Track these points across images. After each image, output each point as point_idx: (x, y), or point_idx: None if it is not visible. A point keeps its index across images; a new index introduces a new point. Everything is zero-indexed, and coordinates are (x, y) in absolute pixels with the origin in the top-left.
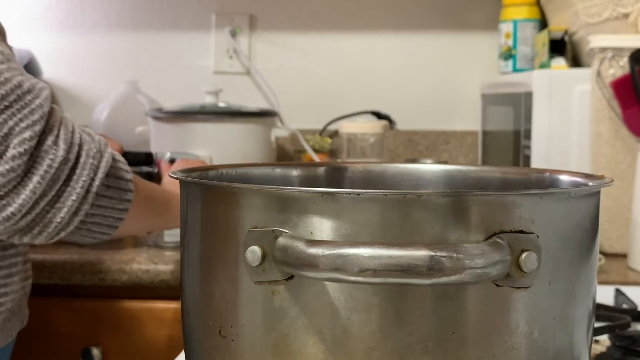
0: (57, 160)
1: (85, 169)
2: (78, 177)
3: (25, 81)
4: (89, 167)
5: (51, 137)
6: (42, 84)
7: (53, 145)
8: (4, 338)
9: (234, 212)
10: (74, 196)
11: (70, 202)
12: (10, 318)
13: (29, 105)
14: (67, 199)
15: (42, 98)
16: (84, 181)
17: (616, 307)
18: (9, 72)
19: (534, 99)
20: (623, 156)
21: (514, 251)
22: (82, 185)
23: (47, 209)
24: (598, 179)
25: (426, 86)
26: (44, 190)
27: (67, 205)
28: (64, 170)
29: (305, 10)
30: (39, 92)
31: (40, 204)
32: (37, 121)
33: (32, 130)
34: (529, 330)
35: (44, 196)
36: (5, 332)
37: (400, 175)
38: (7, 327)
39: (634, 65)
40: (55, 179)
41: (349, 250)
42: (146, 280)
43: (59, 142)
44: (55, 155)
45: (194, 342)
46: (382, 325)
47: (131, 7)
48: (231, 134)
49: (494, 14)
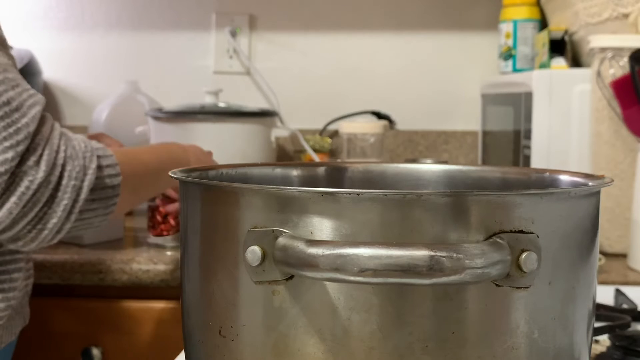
0: (36, 182)
1: (67, 192)
2: (60, 200)
3: (15, 98)
4: (71, 189)
5: (33, 157)
6: (34, 99)
7: (34, 165)
8: (8, 336)
9: (234, 212)
10: (54, 219)
11: (51, 224)
12: (14, 316)
13: (15, 124)
14: (48, 222)
15: (30, 117)
16: (66, 204)
17: (616, 307)
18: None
19: (534, 99)
20: (623, 156)
21: (514, 251)
22: (63, 208)
23: (29, 228)
24: (598, 179)
25: (426, 86)
26: (23, 211)
27: (48, 228)
28: (44, 193)
29: (305, 10)
30: (27, 110)
31: (19, 223)
32: (21, 141)
33: (15, 150)
34: (529, 330)
35: (23, 217)
36: (10, 330)
37: (400, 175)
38: (11, 325)
39: (634, 65)
40: (35, 201)
41: (349, 250)
42: (146, 280)
43: (41, 163)
44: (34, 177)
45: (194, 342)
46: (382, 325)
47: (131, 7)
48: (231, 134)
49: (494, 14)
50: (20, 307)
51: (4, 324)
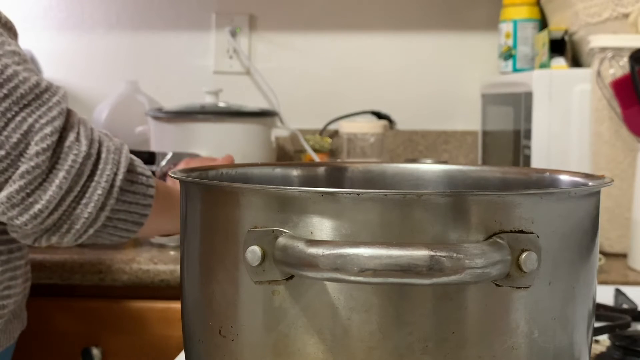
0: (80, 155)
1: (108, 163)
2: (102, 171)
3: (42, 81)
4: (111, 161)
5: (72, 133)
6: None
7: (75, 141)
8: (7, 340)
9: (234, 212)
10: (99, 190)
11: (96, 196)
12: (12, 320)
13: (47, 102)
14: (93, 194)
15: (60, 96)
16: (108, 175)
17: (616, 307)
18: (27, 72)
19: (534, 99)
20: (623, 156)
21: (514, 251)
22: (106, 179)
23: (74, 205)
24: (598, 179)
25: (426, 86)
26: (70, 185)
27: (94, 200)
28: (88, 165)
29: (305, 10)
30: (55, 90)
31: (66, 200)
32: (56, 117)
33: (52, 125)
34: (529, 330)
35: (70, 192)
36: (8, 334)
37: (400, 175)
38: (9, 329)
39: (634, 65)
40: (79, 174)
41: (349, 250)
42: (146, 280)
43: (81, 138)
44: (78, 150)
45: (194, 342)
46: (382, 325)
47: (131, 7)
48: (231, 134)
49: (494, 14)
50: (19, 311)
51: (2, 328)
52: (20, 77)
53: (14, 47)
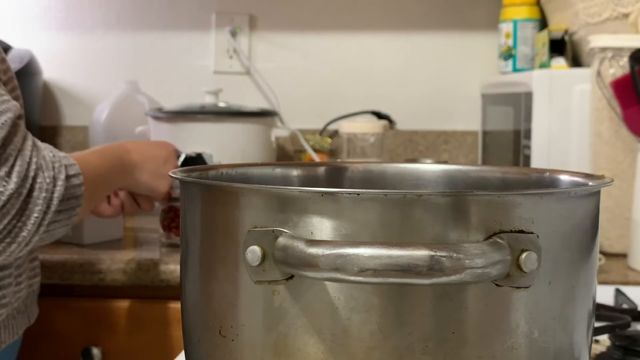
0: (6, 194)
1: (38, 204)
2: (30, 212)
3: None
4: (42, 201)
5: (5, 168)
6: (5, 105)
7: (5, 177)
8: (10, 335)
9: (234, 212)
10: (24, 232)
11: (21, 237)
12: (16, 315)
13: None
14: (18, 235)
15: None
16: (36, 217)
17: (616, 307)
18: None
19: (534, 99)
20: (623, 156)
21: (514, 251)
22: (34, 221)
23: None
24: (598, 179)
25: (426, 86)
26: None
27: (18, 241)
28: (15, 205)
29: (305, 10)
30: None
31: None
32: None
33: None
34: (529, 330)
35: None
36: (10, 329)
37: (400, 175)
38: (12, 324)
39: (634, 65)
40: (4, 213)
41: (349, 250)
42: (146, 280)
43: (12, 174)
44: (5, 188)
45: (194, 342)
46: (382, 325)
47: (131, 7)
48: (231, 134)
49: (494, 14)
50: (24, 307)
51: (4, 323)
52: None
53: None
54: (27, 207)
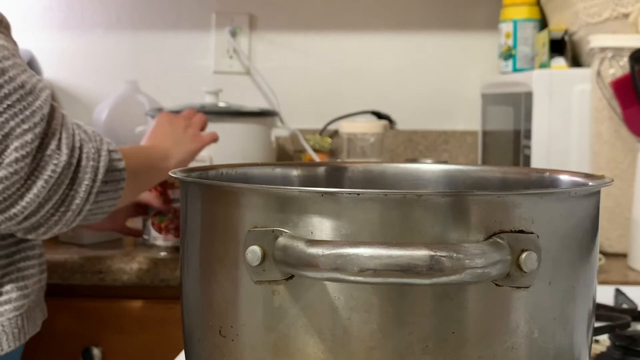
0: (60, 165)
1: (87, 172)
2: (81, 181)
3: (28, 81)
4: (90, 170)
5: (54, 141)
6: (43, 83)
7: (56, 149)
8: (33, 327)
9: (234, 212)
10: (77, 200)
11: (74, 205)
12: (34, 307)
13: (30, 106)
14: (72, 203)
15: (42, 99)
16: (87, 184)
17: (616, 307)
18: (14, 70)
19: (534, 99)
20: (623, 156)
21: (514, 251)
22: (85, 189)
23: (52, 212)
24: (598, 179)
25: (426, 86)
26: (49, 194)
27: (72, 209)
28: (68, 175)
29: (305, 10)
30: (39, 93)
31: (45, 207)
32: (38, 123)
33: (33, 132)
34: (529, 330)
35: (48, 200)
36: (33, 321)
37: (400, 175)
38: (33, 316)
39: (634, 65)
40: (59, 184)
41: (349, 250)
42: (146, 280)
43: (62, 146)
44: (58, 160)
45: (194, 342)
46: (382, 325)
47: (131, 7)
48: (231, 134)
49: (494, 14)
50: (38, 300)
51: (26, 313)
52: (6, 76)
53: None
54: (77, 175)
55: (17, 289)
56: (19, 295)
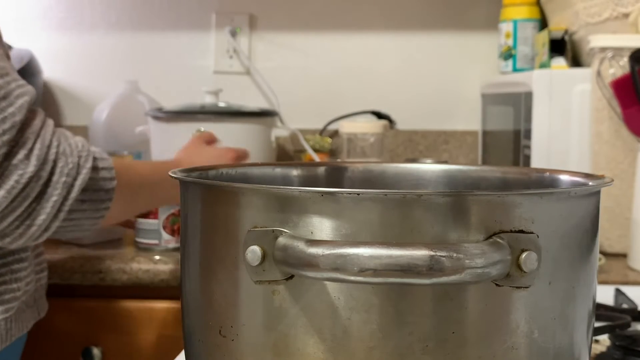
0: (25, 177)
1: (57, 188)
2: (49, 196)
3: (3, 86)
4: (62, 185)
5: (23, 150)
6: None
7: (24, 159)
8: (19, 329)
9: (234, 212)
10: (43, 215)
11: (40, 220)
12: (25, 309)
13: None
14: (37, 218)
15: (17, 106)
16: (55, 201)
17: (616, 307)
18: None
19: (534, 98)
20: (623, 156)
21: (514, 251)
22: (52, 204)
23: (17, 224)
24: (598, 178)
25: (426, 86)
26: (12, 206)
27: (37, 224)
28: (34, 188)
29: (305, 10)
30: (14, 99)
31: (7, 219)
32: (7, 130)
33: (1, 140)
34: (529, 330)
35: (12, 212)
36: (20, 323)
37: (400, 175)
38: (21, 317)
39: (634, 65)
40: (24, 196)
41: (349, 250)
42: (146, 280)
43: (31, 157)
44: (24, 171)
45: (194, 342)
46: (382, 325)
47: (131, 7)
48: (231, 134)
49: (494, 14)
50: (33, 301)
51: (14, 315)
52: None
53: None
54: (46, 190)
55: (8, 292)
56: (10, 297)
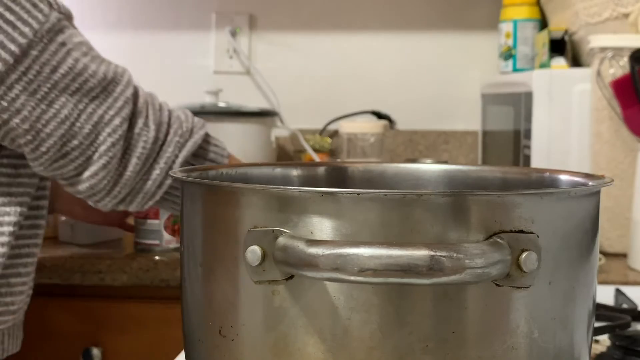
0: (149, 141)
1: (171, 145)
2: (163, 152)
3: (109, 70)
4: (174, 144)
5: (141, 119)
6: (121, 67)
7: (144, 127)
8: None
9: (234, 212)
10: (157, 170)
11: (154, 175)
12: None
13: (113, 93)
14: (152, 173)
15: (124, 84)
16: (168, 157)
17: (616, 307)
18: (94, 64)
19: (534, 99)
20: (623, 156)
21: (514, 251)
22: (165, 160)
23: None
24: (598, 178)
25: (426, 86)
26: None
27: (152, 179)
28: (155, 149)
29: (305, 10)
30: (120, 78)
31: (136, 179)
32: (123, 107)
33: (120, 116)
34: (529, 330)
35: (139, 172)
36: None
37: (400, 175)
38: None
39: (634, 65)
40: (148, 157)
41: (349, 250)
42: (146, 280)
43: (149, 122)
44: (147, 136)
45: (194, 342)
46: (382, 325)
47: (131, 7)
48: (231, 134)
49: (494, 14)
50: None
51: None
52: (89, 71)
53: (80, 38)
54: (162, 147)
55: (4, 305)
56: (4, 310)
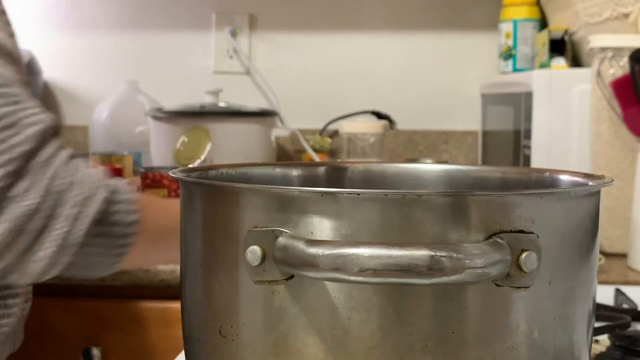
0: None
1: (61, 221)
2: (50, 230)
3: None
4: (66, 218)
5: (24, 182)
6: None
7: (24, 192)
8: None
9: (234, 212)
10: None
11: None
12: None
13: (6, 141)
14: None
15: (24, 136)
16: (57, 234)
17: (616, 307)
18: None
19: (534, 99)
20: (623, 156)
21: (514, 251)
22: (54, 238)
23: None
24: (598, 178)
25: (426, 86)
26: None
27: (36, 260)
28: (35, 221)
29: (305, 10)
30: (23, 128)
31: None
32: (12, 160)
33: (4, 169)
34: (529, 330)
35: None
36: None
37: (400, 175)
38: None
39: (634, 65)
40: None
41: (349, 250)
42: (146, 280)
43: (32, 189)
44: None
45: (194, 342)
46: (382, 325)
47: (131, 7)
48: (231, 134)
49: (494, 14)
50: (13, 332)
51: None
52: None
53: None
54: (48, 223)
55: None
56: None
